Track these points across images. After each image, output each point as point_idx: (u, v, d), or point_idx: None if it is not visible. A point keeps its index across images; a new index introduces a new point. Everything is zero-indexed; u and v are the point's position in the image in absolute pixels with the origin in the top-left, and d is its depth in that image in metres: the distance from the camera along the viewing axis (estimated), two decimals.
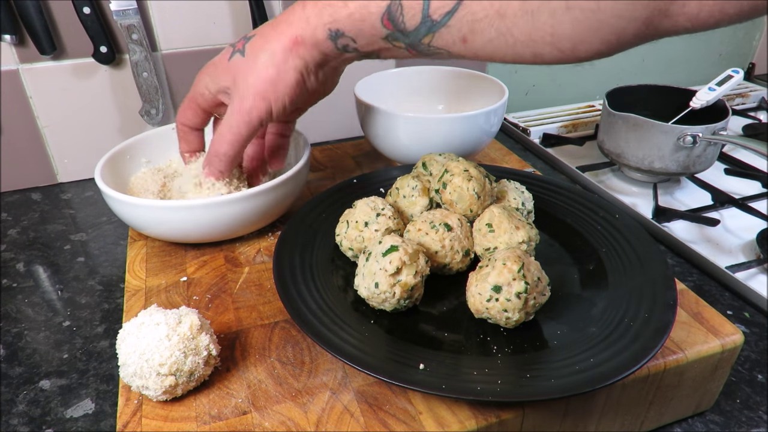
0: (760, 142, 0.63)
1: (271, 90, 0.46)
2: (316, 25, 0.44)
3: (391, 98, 0.75)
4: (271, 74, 0.46)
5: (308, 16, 0.45)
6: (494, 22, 0.39)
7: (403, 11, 0.41)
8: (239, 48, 0.47)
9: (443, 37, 0.42)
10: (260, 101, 0.47)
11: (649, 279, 0.45)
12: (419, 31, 0.42)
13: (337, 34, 0.44)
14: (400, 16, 0.42)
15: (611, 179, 0.79)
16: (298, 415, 0.38)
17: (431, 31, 0.42)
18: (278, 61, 0.46)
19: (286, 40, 0.45)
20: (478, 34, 0.40)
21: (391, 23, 0.42)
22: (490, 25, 0.39)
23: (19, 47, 0.69)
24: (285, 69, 0.46)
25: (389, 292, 0.41)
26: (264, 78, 0.46)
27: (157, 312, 0.39)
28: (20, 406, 0.45)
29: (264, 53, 0.46)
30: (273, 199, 0.53)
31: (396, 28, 0.42)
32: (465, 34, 0.41)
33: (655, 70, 1.07)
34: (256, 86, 0.46)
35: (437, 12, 0.40)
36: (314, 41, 0.45)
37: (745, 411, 0.45)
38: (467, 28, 0.40)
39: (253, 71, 0.46)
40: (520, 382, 0.37)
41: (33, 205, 0.74)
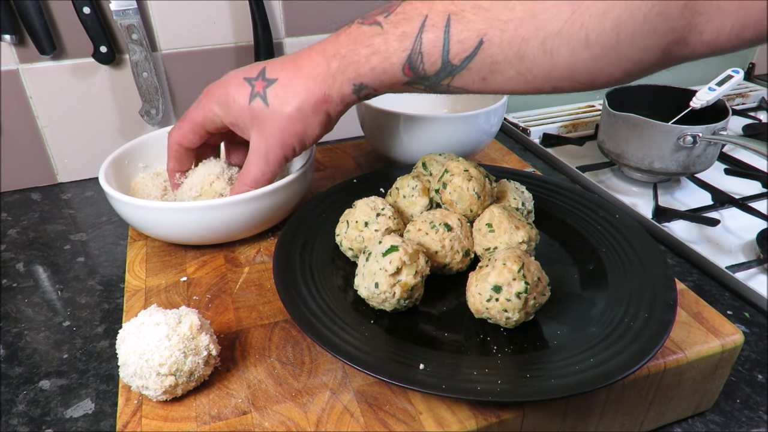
0: (760, 142, 0.63)
1: (298, 141, 0.49)
2: (342, 81, 0.46)
3: (391, 98, 0.75)
4: (298, 129, 0.48)
5: (333, 74, 0.46)
6: (514, 63, 0.40)
7: (423, 59, 0.42)
8: (259, 92, 0.47)
9: (463, 79, 0.43)
10: (287, 150, 0.49)
11: (649, 279, 0.45)
12: (439, 75, 0.43)
13: (361, 87, 0.46)
14: (420, 64, 0.42)
15: (611, 179, 0.79)
16: (298, 415, 0.38)
17: (451, 74, 0.43)
18: (306, 118, 0.47)
19: (315, 98, 0.46)
20: (497, 74, 0.41)
21: (411, 71, 0.43)
22: (509, 66, 0.40)
23: (19, 47, 0.69)
24: (312, 124, 0.48)
25: (389, 292, 0.41)
26: (292, 133, 0.48)
27: (157, 312, 0.39)
28: (20, 406, 0.45)
29: (290, 107, 0.47)
30: (278, 201, 0.53)
31: (416, 75, 0.44)
32: (485, 75, 0.42)
33: None
34: (284, 139, 0.48)
35: (457, 57, 0.41)
36: (340, 97, 0.47)
37: (745, 411, 0.45)
38: (487, 70, 0.41)
39: (280, 125, 0.47)
40: (520, 382, 0.37)
41: (33, 205, 0.74)
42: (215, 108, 0.50)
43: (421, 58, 0.42)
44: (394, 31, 0.42)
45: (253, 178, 0.50)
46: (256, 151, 0.49)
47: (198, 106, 0.51)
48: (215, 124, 0.51)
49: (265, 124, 0.48)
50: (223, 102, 0.49)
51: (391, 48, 0.43)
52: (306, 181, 0.57)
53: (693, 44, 0.36)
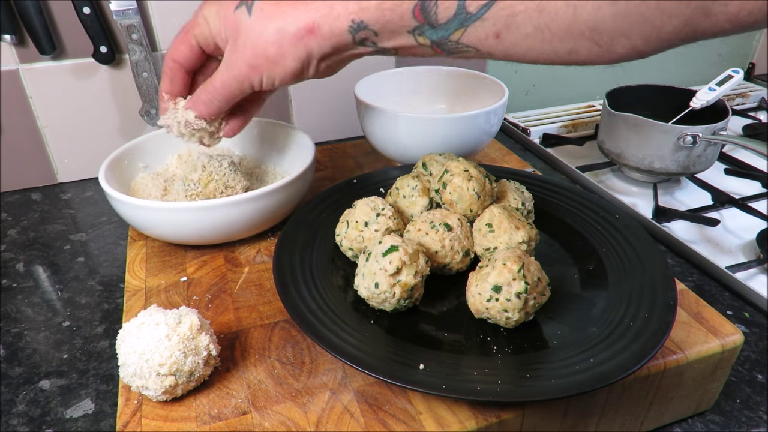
0: (760, 142, 0.63)
1: (266, 66, 0.44)
2: (339, 14, 0.41)
3: (391, 98, 0.75)
4: (271, 53, 0.43)
5: (332, 2, 0.41)
6: (533, 16, 0.37)
7: (437, 2, 0.39)
8: (247, 1, 0.44)
9: (476, 32, 0.39)
10: (253, 72, 0.45)
11: (649, 279, 0.45)
12: (450, 24, 0.40)
13: (359, 26, 0.41)
14: (433, 7, 0.39)
15: (611, 179, 0.79)
16: (298, 415, 0.38)
17: (463, 25, 0.39)
18: (284, 43, 0.43)
19: (301, 23, 0.42)
20: (513, 29, 0.38)
21: (422, 14, 0.40)
22: (527, 20, 0.37)
23: (19, 47, 0.69)
24: (287, 55, 0.43)
25: (389, 292, 0.41)
26: (263, 53, 0.44)
27: (157, 312, 0.39)
28: (20, 406, 0.45)
29: (272, 26, 0.43)
30: (278, 201, 0.53)
31: (427, 20, 0.40)
32: (499, 29, 0.39)
33: (655, 70, 1.07)
34: (254, 58, 0.44)
35: (474, 4, 0.38)
36: (331, 32, 0.42)
37: (745, 411, 0.45)
38: (503, 23, 0.38)
39: (255, 40, 0.43)
40: (520, 382, 0.37)
41: (33, 205, 0.74)
42: (206, 14, 0.46)
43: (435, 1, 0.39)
44: None
45: (213, 85, 0.47)
46: (224, 61, 0.46)
47: (193, 16, 0.48)
48: (204, 33, 0.47)
49: (240, 36, 0.44)
50: (214, 7, 0.46)
51: None
52: (306, 181, 0.57)
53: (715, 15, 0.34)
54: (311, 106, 0.85)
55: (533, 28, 0.38)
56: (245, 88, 0.46)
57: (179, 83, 0.51)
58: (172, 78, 0.51)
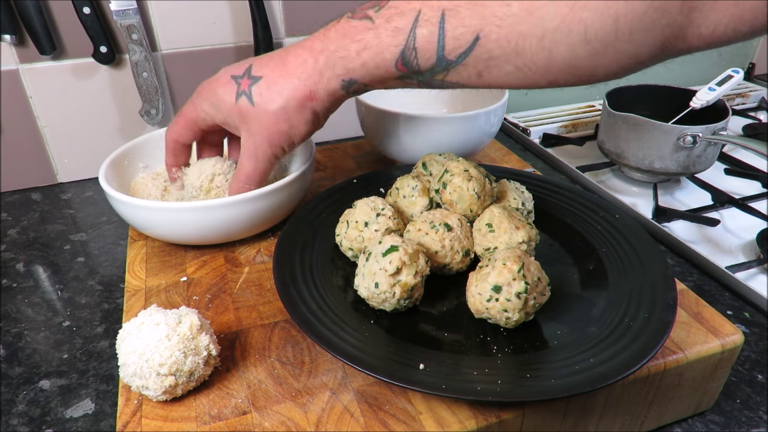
0: (760, 142, 0.63)
1: (285, 139, 0.48)
2: (329, 77, 0.45)
3: (391, 98, 0.75)
4: (283, 128, 0.47)
5: (320, 70, 0.45)
6: (511, 58, 0.39)
7: (417, 55, 0.41)
8: (245, 90, 0.47)
9: (459, 74, 0.42)
10: (275, 148, 0.49)
11: (649, 279, 0.45)
12: (434, 70, 0.42)
13: (350, 83, 0.45)
14: (414, 59, 0.42)
15: (611, 179, 0.79)
16: (298, 415, 0.38)
17: (446, 70, 0.42)
18: (290, 116, 0.47)
19: (300, 95, 0.46)
20: (494, 69, 0.40)
21: (405, 67, 0.42)
22: (506, 62, 0.39)
23: (19, 47, 0.69)
24: (297, 123, 0.47)
25: (389, 292, 0.41)
26: (277, 131, 0.47)
27: (157, 312, 0.39)
28: (20, 406, 0.45)
29: (274, 106, 0.46)
30: (278, 201, 0.53)
31: (410, 70, 0.43)
32: (480, 71, 0.41)
33: (655, 70, 1.06)
34: (271, 137, 0.48)
35: (452, 53, 0.40)
36: (327, 93, 0.46)
37: (745, 411, 0.45)
38: (483, 65, 0.40)
39: (266, 124, 0.47)
40: (520, 382, 0.37)
41: (33, 205, 0.74)
42: (206, 107, 0.50)
43: (415, 54, 0.41)
44: (386, 26, 0.42)
45: (245, 174, 0.50)
46: (246, 149, 0.49)
47: (191, 104, 0.51)
48: (206, 122, 0.51)
49: (251, 123, 0.48)
50: (212, 101, 0.49)
51: (383, 43, 0.42)
52: (306, 181, 0.57)
53: (690, 39, 0.36)
54: None
55: (513, 67, 0.40)
56: (273, 162, 0.51)
57: (183, 156, 0.56)
58: (175, 155, 0.56)
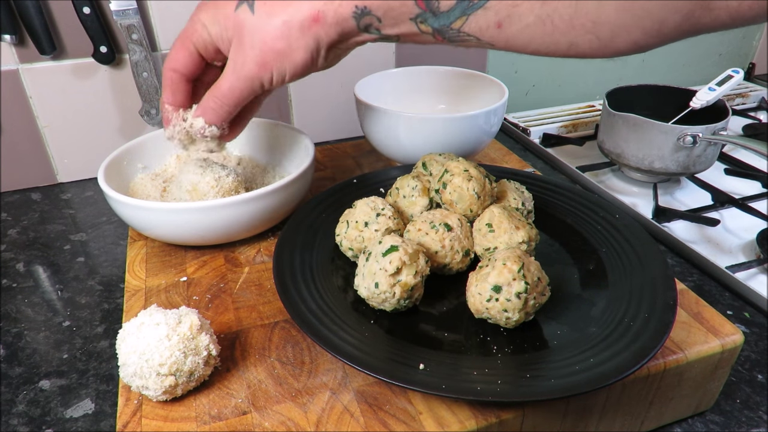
0: (760, 142, 0.63)
1: (276, 62, 0.44)
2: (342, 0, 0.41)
3: (391, 98, 0.75)
4: (279, 47, 0.43)
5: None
6: (535, 6, 0.37)
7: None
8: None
9: (477, 21, 0.39)
10: (262, 70, 0.44)
11: (649, 279, 0.45)
12: (453, 12, 0.39)
13: (363, 12, 0.41)
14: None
15: (611, 179, 0.79)
16: (298, 415, 0.38)
17: (465, 13, 0.39)
18: (291, 35, 0.42)
19: (306, 13, 0.42)
20: (515, 18, 0.38)
21: (424, 2, 0.40)
22: (530, 10, 0.37)
23: (19, 47, 0.69)
24: (296, 46, 0.43)
25: (389, 292, 0.41)
26: (271, 49, 0.43)
27: (157, 312, 0.39)
28: (20, 406, 0.45)
29: (276, 20, 0.42)
30: (278, 201, 0.53)
31: (429, 7, 0.39)
32: (501, 19, 0.38)
33: (655, 70, 1.07)
34: (262, 55, 0.43)
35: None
36: (336, 19, 0.42)
37: (745, 411, 0.45)
38: (505, 12, 0.38)
39: (261, 37, 0.43)
40: (520, 382, 0.37)
41: (33, 205, 0.74)
42: (204, 18, 0.46)
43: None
44: None
45: (220, 90, 0.46)
46: (231, 63, 0.45)
47: (189, 22, 0.47)
48: (202, 37, 0.46)
49: (245, 35, 0.43)
50: (211, 11, 0.45)
51: None
52: (306, 181, 0.57)
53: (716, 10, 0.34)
54: (311, 106, 0.85)
55: (535, 18, 0.37)
56: (256, 87, 0.45)
57: (181, 93, 0.50)
58: (173, 89, 0.50)
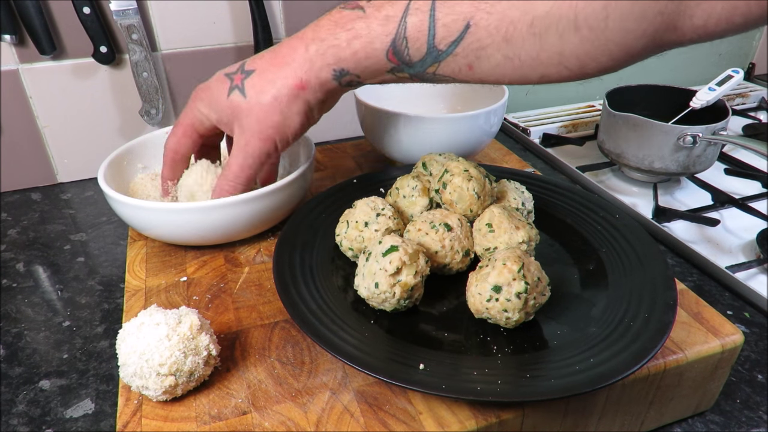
0: (760, 142, 0.63)
1: (277, 133, 0.47)
2: (320, 66, 0.44)
3: (391, 98, 0.75)
4: (276, 121, 0.46)
5: (311, 58, 0.44)
6: (501, 47, 0.39)
7: (408, 44, 0.41)
8: (237, 84, 0.47)
9: (449, 66, 0.42)
10: (267, 143, 0.48)
11: (649, 279, 0.45)
12: (425, 62, 0.42)
13: (342, 73, 0.44)
14: (405, 49, 0.42)
15: (611, 179, 0.79)
16: (298, 415, 0.38)
17: (437, 60, 0.42)
18: (283, 107, 0.46)
19: (291, 84, 0.45)
20: (484, 60, 0.40)
21: (396, 57, 0.42)
22: (496, 51, 0.39)
23: (19, 47, 0.69)
24: (290, 114, 0.46)
25: (389, 292, 0.41)
26: (269, 124, 0.46)
27: (157, 312, 0.39)
28: (20, 406, 0.45)
29: (266, 96, 0.46)
30: (278, 201, 0.53)
31: (401, 61, 0.43)
32: (471, 62, 0.41)
33: (655, 70, 1.07)
34: (262, 131, 0.47)
35: (443, 42, 0.40)
36: (319, 83, 0.45)
37: (745, 411, 0.45)
38: (473, 56, 0.40)
39: (257, 116, 0.46)
40: (520, 382, 0.37)
41: (33, 205, 0.74)
42: (201, 108, 0.49)
43: (405, 43, 0.41)
44: (377, 15, 0.42)
45: (232, 172, 0.49)
46: (236, 145, 0.48)
47: (187, 110, 0.51)
48: (204, 124, 0.50)
49: (243, 117, 0.47)
50: (206, 100, 0.49)
51: (374, 32, 0.42)
52: (306, 181, 0.57)
53: (682, 29, 0.35)
54: None
55: (502, 57, 0.40)
56: (264, 159, 0.49)
57: (180, 169, 0.55)
58: (173, 167, 0.54)
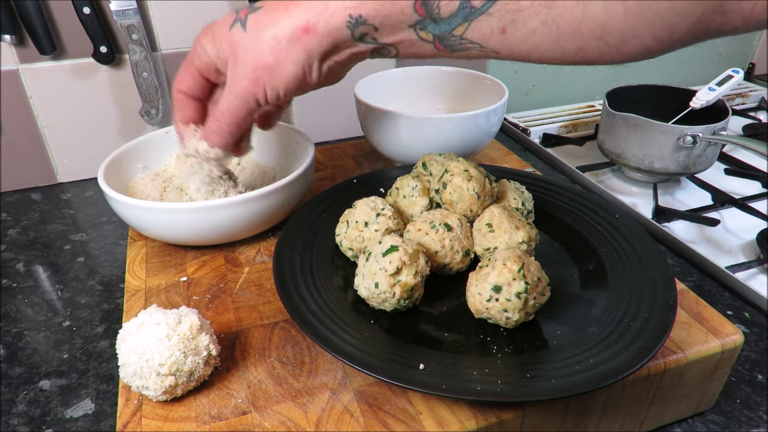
0: (760, 142, 0.63)
1: (267, 77, 0.43)
2: (335, 9, 0.40)
3: (391, 98, 0.75)
4: (269, 62, 0.42)
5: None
6: (540, 12, 0.36)
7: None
8: (241, 17, 0.43)
9: (480, 28, 0.37)
10: (255, 86, 0.43)
11: (649, 279, 0.45)
12: (454, 18, 0.38)
13: (358, 22, 0.40)
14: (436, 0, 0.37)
15: (611, 179, 0.79)
16: (298, 415, 0.38)
17: (467, 19, 0.37)
18: (280, 48, 0.41)
19: (295, 26, 0.41)
20: (520, 24, 0.37)
21: (424, 8, 0.38)
22: (534, 15, 0.36)
23: (19, 47, 0.69)
24: (285, 59, 0.42)
25: (389, 292, 0.41)
26: (261, 64, 0.42)
27: (157, 312, 0.39)
28: (20, 406, 0.45)
29: (266, 34, 0.41)
30: (278, 201, 0.53)
31: (429, 14, 0.38)
32: (505, 24, 0.37)
33: (655, 70, 1.07)
34: (254, 71, 0.43)
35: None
36: (328, 29, 0.40)
37: (745, 411, 0.45)
38: (509, 18, 0.37)
39: (252, 52, 0.42)
40: (520, 382, 0.37)
41: (33, 205, 0.74)
42: (203, 41, 0.46)
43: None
44: None
45: (219, 110, 0.46)
46: (228, 82, 0.45)
47: (192, 46, 0.47)
48: (204, 61, 0.46)
49: (239, 53, 0.43)
50: (209, 34, 0.45)
51: None
52: (306, 181, 0.57)
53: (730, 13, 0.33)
54: (311, 106, 0.85)
55: (540, 23, 0.36)
56: (251, 105, 0.45)
57: (190, 110, 0.50)
58: (181, 108, 0.50)
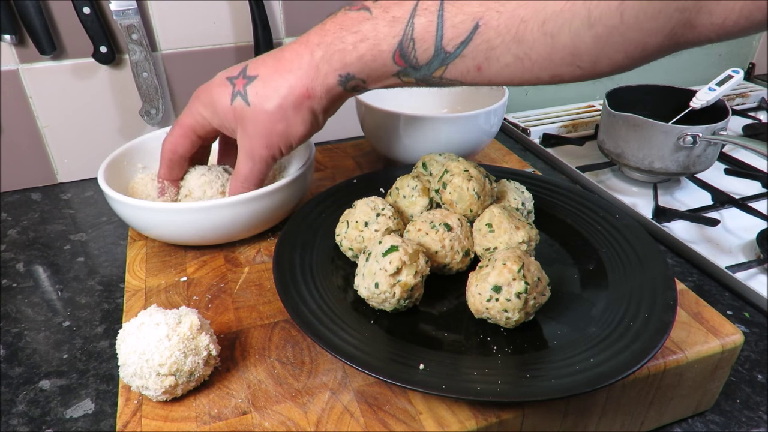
0: (760, 142, 0.63)
1: (281, 140, 0.47)
2: (326, 72, 0.43)
3: (391, 98, 0.75)
4: (279, 129, 0.46)
5: (317, 64, 0.43)
6: (511, 47, 0.38)
7: (415, 46, 0.40)
8: (240, 90, 0.46)
9: (457, 68, 0.40)
10: (272, 150, 0.48)
11: (649, 279, 0.45)
12: (432, 64, 0.41)
13: (348, 78, 0.44)
14: (411, 51, 0.40)
15: (611, 179, 0.79)
16: (298, 415, 0.38)
17: (444, 63, 0.40)
18: (288, 115, 0.45)
19: (297, 93, 0.44)
20: (493, 61, 0.39)
21: (402, 60, 0.41)
22: (506, 51, 0.38)
23: (19, 47, 0.69)
24: (294, 123, 0.46)
25: (389, 292, 0.41)
26: (274, 132, 0.46)
27: (157, 312, 0.39)
28: (20, 406, 0.45)
29: (270, 104, 0.45)
30: (278, 201, 0.53)
31: (408, 64, 0.41)
32: (479, 63, 0.39)
33: (655, 70, 1.06)
34: (267, 138, 0.47)
35: (451, 43, 0.39)
36: (324, 90, 0.44)
37: (745, 411, 0.45)
38: (482, 57, 0.39)
39: (262, 123, 0.46)
40: (520, 382, 0.37)
41: (33, 205, 0.74)
42: (202, 111, 0.49)
43: (412, 45, 0.40)
44: (383, 16, 0.41)
45: (242, 175, 0.50)
46: (242, 150, 0.48)
47: (187, 111, 0.50)
48: (204, 128, 0.50)
49: (247, 124, 0.46)
50: (208, 104, 0.48)
51: (380, 34, 0.41)
52: (306, 181, 0.57)
53: (700, 27, 0.34)
54: None
55: (513, 57, 0.38)
56: (270, 164, 0.49)
57: (179, 171, 0.54)
58: (170, 167, 0.53)
